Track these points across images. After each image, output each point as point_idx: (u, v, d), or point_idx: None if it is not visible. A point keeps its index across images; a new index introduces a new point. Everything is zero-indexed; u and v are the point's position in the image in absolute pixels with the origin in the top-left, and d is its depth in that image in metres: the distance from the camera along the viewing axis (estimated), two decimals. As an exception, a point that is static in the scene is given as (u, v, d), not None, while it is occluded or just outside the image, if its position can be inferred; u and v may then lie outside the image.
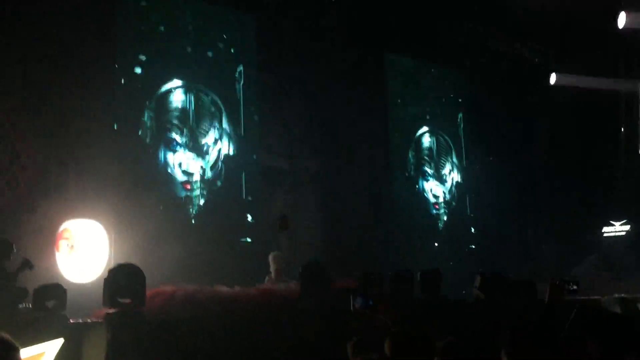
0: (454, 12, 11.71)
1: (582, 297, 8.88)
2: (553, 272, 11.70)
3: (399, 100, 12.51)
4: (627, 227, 13.25)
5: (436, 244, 12.37)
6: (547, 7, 10.94)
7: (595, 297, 9.45)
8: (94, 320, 6.16)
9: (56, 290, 5.93)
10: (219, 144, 9.94)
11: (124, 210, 8.63)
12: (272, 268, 8.19)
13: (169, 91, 9.59)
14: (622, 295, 9.63)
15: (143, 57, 9.31)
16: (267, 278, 8.30)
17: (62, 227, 7.86)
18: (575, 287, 3.69)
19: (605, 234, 13.47)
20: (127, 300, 5.84)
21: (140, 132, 9.16)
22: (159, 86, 9.50)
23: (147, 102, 9.32)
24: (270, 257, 8.33)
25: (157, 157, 9.31)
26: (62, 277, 7.59)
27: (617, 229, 13.42)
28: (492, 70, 13.13)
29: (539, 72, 13.58)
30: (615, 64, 13.77)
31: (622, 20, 10.70)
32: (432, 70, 13.23)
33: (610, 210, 13.53)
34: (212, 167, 9.79)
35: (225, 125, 10.09)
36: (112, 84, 8.87)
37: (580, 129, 13.86)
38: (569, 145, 13.86)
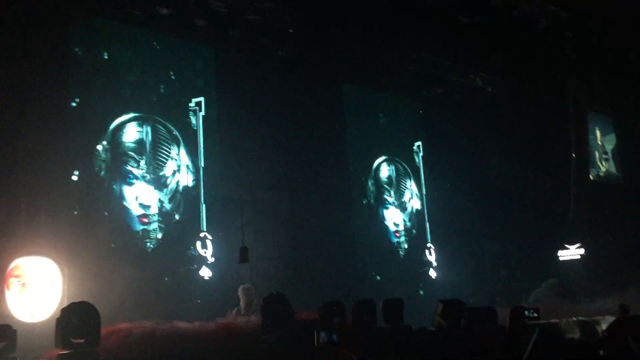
0: (409, 43, 11.96)
1: (541, 321, 9.04)
2: (511, 296, 11.88)
3: (357, 130, 12.62)
4: (582, 251, 13.61)
5: (397, 272, 12.38)
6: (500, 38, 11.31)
7: (554, 320, 9.64)
8: (45, 361, 5.91)
9: (5, 332, 5.67)
10: (177, 176, 9.79)
11: (77, 246, 8.37)
12: (242, 301, 8.10)
13: (124, 123, 9.42)
14: (581, 318, 9.85)
15: (98, 89, 9.15)
16: (235, 310, 8.21)
17: (13, 264, 7.56)
18: (535, 314, 3.73)
19: (561, 258, 13.79)
20: (81, 340, 5.64)
21: (94, 166, 8.93)
22: (114, 118, 9.32)
23: (102, 134, 9.13)
24: (240, 290, 8.27)
25: (112, 190, 9.09)
26: (12, 316, 7.27)
27: (572, 252, 13.77)
28: (448, 100, 13.42)
29: (492, 100, 13.97)
30: (565, 94, 14.30)
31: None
32: (389, 100, 13.44)
33: (564, 234, 13.89)
34: (170, 200, 9.62)
35: (183, 156, 9.97)
36: (65, 117, 8.66)
37: (532, 155, 14.26)
38: (522, 171, 14.23)
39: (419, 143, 13.64)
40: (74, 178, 8.65)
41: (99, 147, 9.04)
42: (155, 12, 9.05)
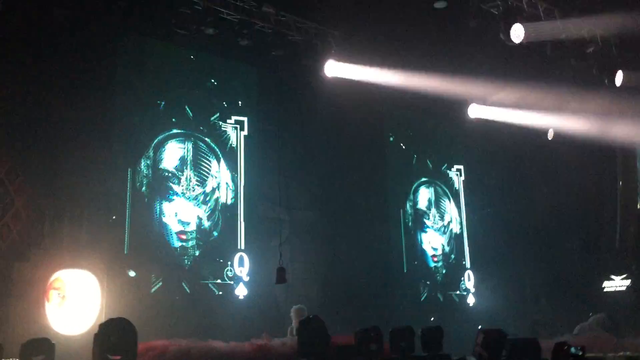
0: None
1: (587, 355, 8.68)
2: (552, 327, 11.48)
3: (397, 151, 12.51)
4: (628, 282, 13.11)
5: (436, 298, 12.14)
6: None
7: (599, 355, 9.26)
8: (83, 376, 5.94)
9: (44, 345, 5.75)
10: (216, 193, 9.85)
11: (117, 260, 8.46)
12: (294, 321, 8.10)
13: (166, 139, 9.54)
14: (627, 353, 9.44)
15: (141, 106, 9.30)
16: (289, 330, 8.24)
17: (53, 277, 7.68)
18: (581, 352, 3.54)
19: (605, 289, 13.31)
20: (117, 357, 5.66)
21: (136, 181, 9.04)
22: (157, 134, 9.44)
23: (144, 150, 9.25)
24: (293, 311, 8.34)
25: (152, 206, 9.17)
26: (50, 328, 7.37)
27: (617, 283, 13.27)
28: (490, 124, 13.18)
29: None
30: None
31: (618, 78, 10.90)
32: (430, 122, 13.29)
33: (610, 265, 13.41)
34: (209, 217, 9.66)
35: (223, 174, 10.02)
36: (109, 133, 8.82)
37: (578, 182, 13.86)
38: (566, 197, 13.83)
39: (460, 167, 13.43)
40: (116, 195, 8.76)
41: (141, 163, 9.16)
42: (200, 32, 9.17)
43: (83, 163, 8.21)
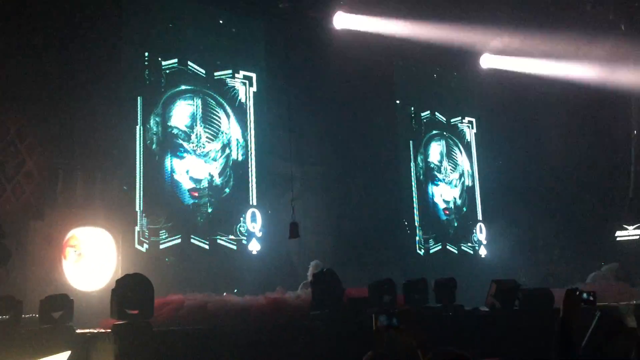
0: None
1: (600, 304, 8.73)
2: (564, 278, 11.53)
3: (408, 104, 12.35)
4: (641, 231, 13.08)
5: (447, 251, 12.18)
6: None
7: (613, 303, 9.31)
8: (101, 331, 6.05)
9: (63, 301, 5.83)
10: (227, 150, 9.82)
11: (131, 217, 8.52)
12: (310, 277, 8.13)
13: (175, 95, 9.45)
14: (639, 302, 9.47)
15: (150, 63, 9.19)
16: (302, 284, 8.32)
17: (69, 235, 7.76)
18: (592, 297, 3.52)
19: (618, 238, 13.29)
20: (135, 311, 5.75)
21: (147, 139, 9.02)
22: (165, 91, 9.36)
23: (154, 108, 9.19)
24: (311, 266, 8.35)
25: (163, 163, 9.17)
26: (68, 285, 7.48)
27: (630, 233, 13.24)
28: (502, 75, 12.95)
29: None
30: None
31: None
32: (441, 73, 13.07)
33: (623, 214, 13.34)
34: (220, 174, 9.66)
35: (234, 130, 9.96)
36: (118, 90, 8.75)
37: (591, 132, 13.68)
38: (579, 148, 13.68)
39: (472, 119, 13.27)
40: (127, 152, 8.75)
41: (151, 121, 9.11)
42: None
43: (93, 121, 8.18)
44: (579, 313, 3.33)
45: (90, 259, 7.88)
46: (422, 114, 12.58)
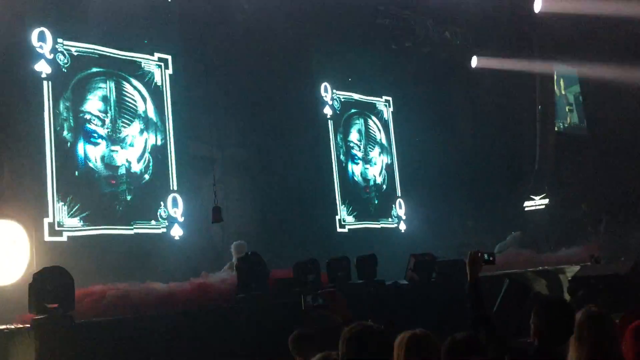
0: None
1: (508, 271, 9.31)
2: (478, 248, 12.15)
3: (325, 83, 12.43)
4: (546, 201, 13.97)
5: (368, 227, 12.50)
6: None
7: (520, 270, 9.94)
8: (19, 326, 5.85)
9: (-25, 299, 5.57)
10: (145, 135, 9.56)
11: (45, 209, 8.19)
12: (234, 258, 8.09)
13: (86, 78, 9.07)
14: (546, 268, 10.18)
15: (59, 45, 8.76)
16: (227, 265, 8.26)
17: (-24, 229, 7.37)
18: (491, 258, 3.80)
19: (526, 208, 14.14)
20: (54, 305, 5.59)
21: (56, 125, 8.59)
22: (75, 74, 8.96)
23: (62, 91, 8.77)
24: (233, 246, 8.32)
25: (75, 151, 8.80)
26: (-21, 281, 7.14)
27: (537, 202, 14.12)
28: (416, 53, 13.32)
29: (460, 55, 13.93)
30: (530, 46, 14.37)
31: (537, 4, 11.18)
32: (358, 54, 13.24)
33: (530, 185, 14.19)
34: (139, 160, 9.40)
35: (151, 114, 9.70)
36: (24, 73, 8.32)
37: (499, 107, 14.39)
38: (490, 123, 14.37)
39: (389, 98, 13.59)
40: (36, 140, 8.35)
41: (60, 106, 8.69)
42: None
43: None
44: (478, 270, 3.64)
45: (1, 253, 7.53)
46: (340, 93, 12.73)
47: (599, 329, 2.94)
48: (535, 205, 14.10)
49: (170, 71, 9.92)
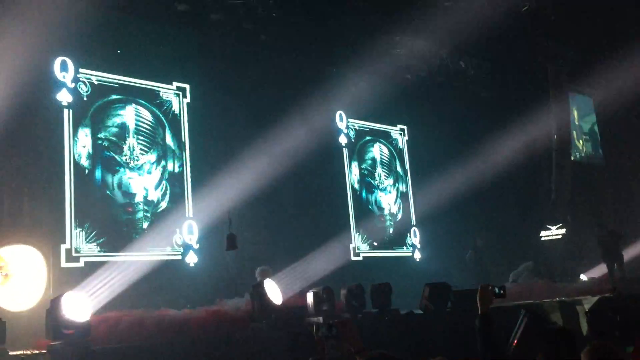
0: (393, 27, 11.88)
1: (524, 302, 9.19)
2: (494, 278, 12.03)
3: (341, 112, 12.52)
4: (563, 231, 13.85)
5: (383, 256, 12.44)
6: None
7: (536, 301, 9.80)
8: (36, 352, 5.87)
9: (-6, 324, 5.62)
10: (162, 162, 9.68)
11: (60, 235, 8.28)
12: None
13: (106, 105, 9.22)
14: (563, 298, 10.04)
15: (80, 74, 8.95)
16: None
17: (-5, 255, 7.46)
18: (502, 292, 3.80)
19: (542, 238, 14.02)
20: (71, 331, 5.63)
21: (74, 153, 8.74)
22: (94, 101, 9.12)
23: (81, 119, 8.93)
24: (258, 271, 8.30)
25: (93, 178, 8.93)
26: (-3, 306, 7.21)
27: (553, 232, 14.00)
28: (431, 83, 13.42)
29: (475, 84, 14.01)
30: (545, 76, 14.42)
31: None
32: (373, 82, 13.35)
33: (547, 215, 14.09)
34: (156, 187, 9.51)
35: (169, 141, 9.84)
36: (46, 101, 8.50)
37: (515, 137, 14.36)
38: (506, 153, 14.32)
39: (404, 126, 13.65)
40: (54, 167, 8.48)
41: (78, 133, 8.85)
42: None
43: (18, 136, 7.92)
44: (489, 304, 3.61)
45: (18, 279, 7.61)
46: (355, 122, 12.82)
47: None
48: (552, 235, 13.98)
49: (188, 100, 10.09)
